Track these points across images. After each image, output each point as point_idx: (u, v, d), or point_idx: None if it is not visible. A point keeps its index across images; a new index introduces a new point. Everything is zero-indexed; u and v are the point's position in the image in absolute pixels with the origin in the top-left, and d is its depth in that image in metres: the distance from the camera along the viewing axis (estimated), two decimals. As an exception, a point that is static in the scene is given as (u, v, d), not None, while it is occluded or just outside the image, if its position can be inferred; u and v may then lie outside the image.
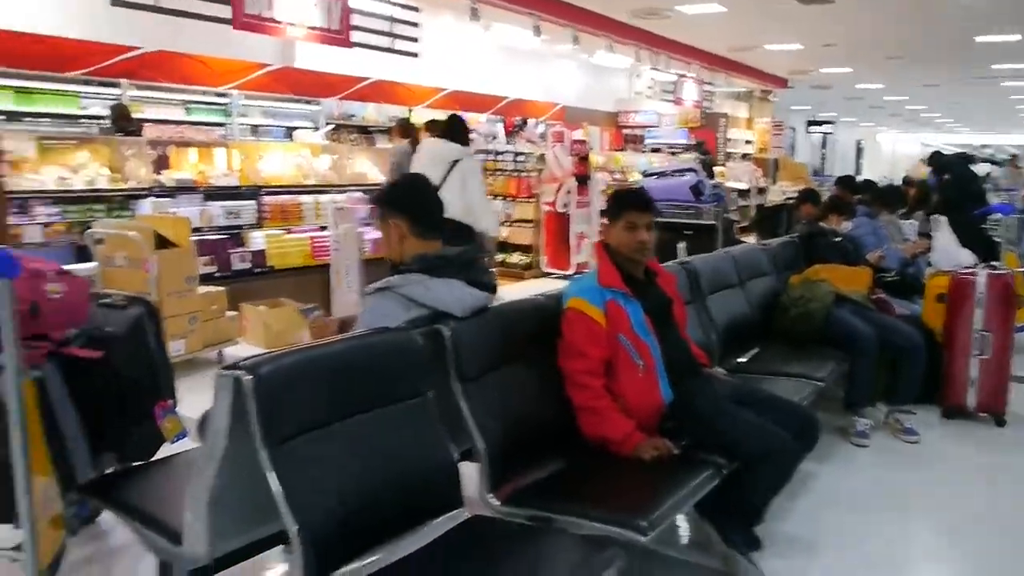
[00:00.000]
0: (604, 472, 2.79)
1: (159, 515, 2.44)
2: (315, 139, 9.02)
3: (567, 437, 2.93)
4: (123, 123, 7.57)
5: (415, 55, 9.49)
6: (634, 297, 3.10)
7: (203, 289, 6.16)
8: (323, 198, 8.19)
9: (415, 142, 7.85)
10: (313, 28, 8.00)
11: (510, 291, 3.92)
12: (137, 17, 7.29)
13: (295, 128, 11.33)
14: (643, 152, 16.69)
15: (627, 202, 3.27)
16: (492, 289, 2.90)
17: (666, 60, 15.16)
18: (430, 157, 6.58)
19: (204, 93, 10.05)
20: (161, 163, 6.95)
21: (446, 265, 2.76)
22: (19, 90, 8.28)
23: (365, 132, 12.57)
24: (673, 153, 16.21)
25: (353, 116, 12.37)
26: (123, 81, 9.09)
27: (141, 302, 3.16)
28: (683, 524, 3.41)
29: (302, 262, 7.86)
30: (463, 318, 2.72)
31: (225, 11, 7.24)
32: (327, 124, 11.66)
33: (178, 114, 9.79)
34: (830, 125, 30.66)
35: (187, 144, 7.30)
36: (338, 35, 8.28)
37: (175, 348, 5.88)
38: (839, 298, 4.73)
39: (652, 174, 11.12)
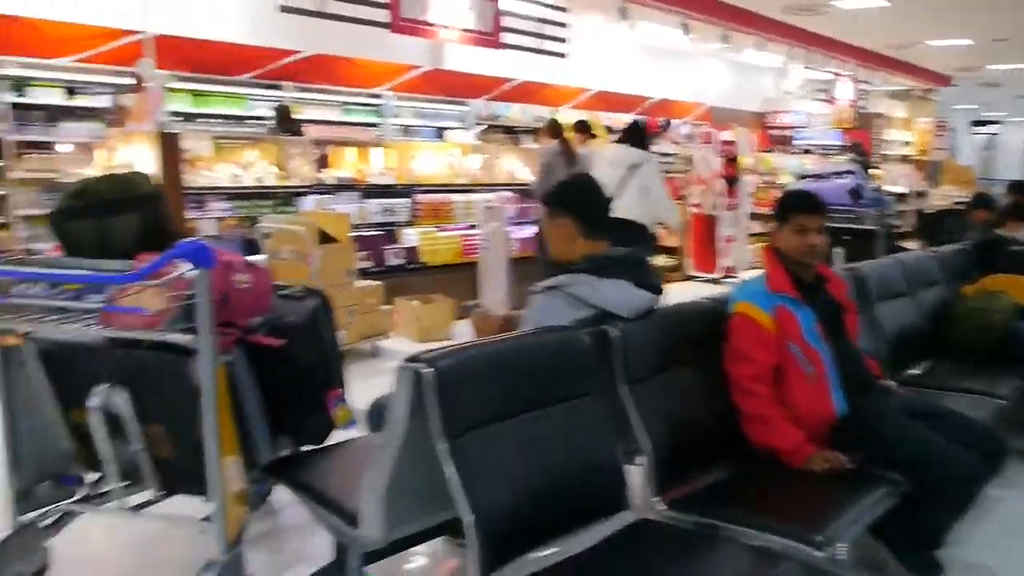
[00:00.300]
0: (774, 482, 2.71)
1: (336, 497, 2.55)
2: (466, 139, 9.19)
3: (734, 444, 2.86)
4: (286, 123, 7.95)
5: (563, 55, 9.53)
6: (805, 303, 2.99)
7: (360, 283, 6.39)
8: (474, 197, 8.35)
9: (565, 143, 7.86)
10: (466, 30, 8.16)
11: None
12: (299, 22, 7.65)
13: (445, 128, 11.59)
14: (792, 153, 16.12)
15: (797, 205, 3.16)
16: (658, 291, 2.86)
17: (820, 58, 14.61)
18: (609, 161, 6.68)
19: (359, 94, 10.43)
20: (322, 162, 7.26)
21: (614, 265, 2.75)
22: (195, 93, 8.85)
23: (510, 132, 12.71)
24: (826, 155, 15.57)
25: (499, 116, 12.53)
26: (286, 83, 9.56)
27: (317, 294, 3.30)
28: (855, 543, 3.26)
29: (452, 259, 8.05)
30: (630, 319, 2.70)
31: (383, 15, 7.49)
32: (476, 124, 11.88)
33: (335, 115, 10.20)
34: (996, 125, 28.72)
35: (346, 144, 7.59)
36: (489, 37, 8.42)
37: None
38: (1022, 311, 4.41)
39: (808, 176, 10.75)
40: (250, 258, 5.11)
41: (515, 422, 2.29)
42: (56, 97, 7.94)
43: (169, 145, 5.87)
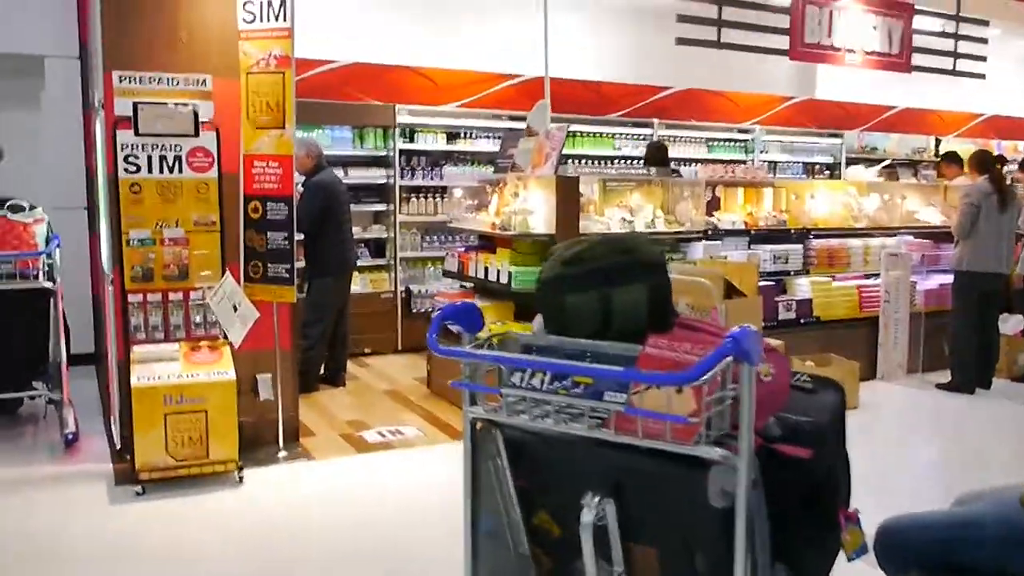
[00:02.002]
0: None
1: None
2: (863, 176, 8.15)
3: None
4: (659, 161, 7.40)
5: (982, 76, 8.13)
6: None
7: (774, 342, 5.61)
8: (871, 242, 7.28)
9: (997, 179, 6.55)
10: (871, 54, 7.16)
11: None
12: (669, 57, 7.17)
13: (814, 164, 10.56)
14: None
15: None
16: None
17: None
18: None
19: (728, 129, 9.72)
20: (712, 204, 6.63)
21: None
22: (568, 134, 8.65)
23: (889, 166, 11.32)
24: None
25: (875, 149, 11.21)
26: (655, 120, 9.11)
27: (832, 385, 2.57)
28: None
29: (847, 313, 7.04)
30: None
31: (782, 42, 6.73)
32: (846, 157, 10.70)
33: (700, 152, 9.58)
34: None
35: (734, 184, 6.90)
36: (897, 60, 7.33)
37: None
38: None
39: None
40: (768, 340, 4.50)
41: None
42: (440, 142, 8.10)
43: (567, 189, 5.54)
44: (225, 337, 4.66)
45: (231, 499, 4.34)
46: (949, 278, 7.02)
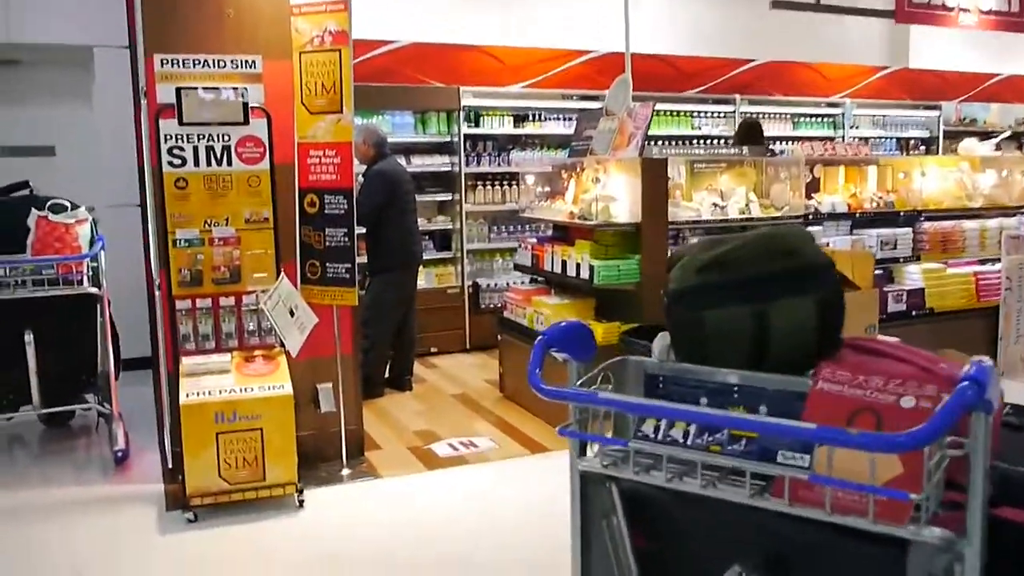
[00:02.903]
0: None
1: None
2: (978, 149, 7.38)
3: None
4: (753, 140, 6.75)
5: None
6: None
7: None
8: (989, 223, 6.54)
9: None
10: (988, 13, 6.41)
11: None
12: (751, 28, 6.51)
13: (908, 139, 9.75)
14: None
15: None
16: None
17: None
18: None
19: (816, 103, 8.98)
20: (812, 186, 5.98)
21: None
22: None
23: (987, 137, 10.43)
24: None
25: (974, 120, 10.33)
26: (737, 96, 8.43)
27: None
28: None
29: (963, 304, 6.33)
30: None
31: (886, 3, 6.03)
32: (944, 131, 9.85)
33: (786, 129, 8.87)
34: None
35: (833, 163, 6.22)
36: (1018, 19, 6.54)
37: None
38: None
39: None
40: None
41: None
42: (507, 125, 7.58)
43: (654, 173, 4.98)
44: (281, 345, 4.23)
45: (290, 526, 3.91)
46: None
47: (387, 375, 6.13)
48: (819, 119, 9.13)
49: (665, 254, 5.18)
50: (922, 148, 9.89)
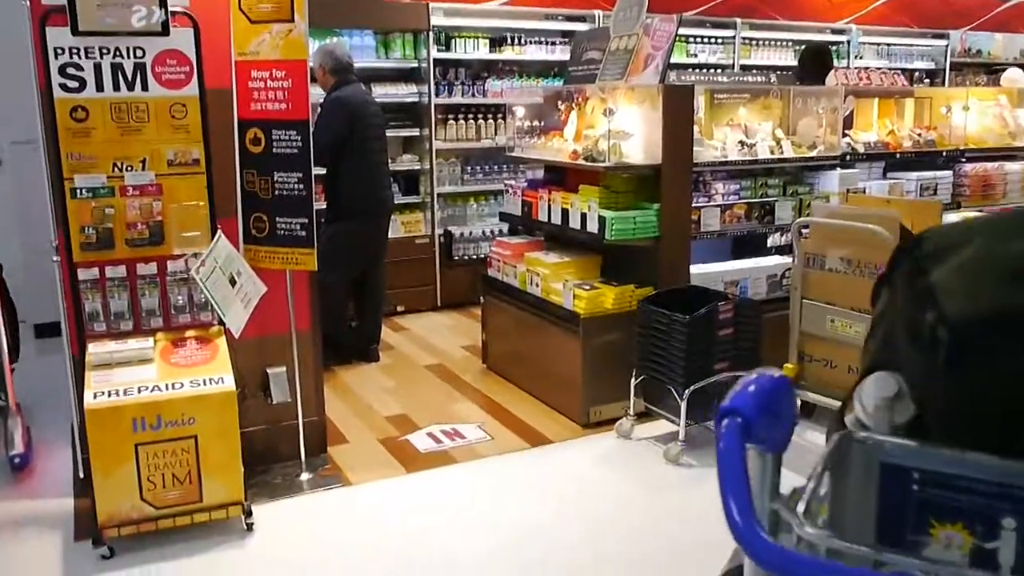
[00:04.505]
0: None
1: None
2: (1021, 79, 6.60)
3: None
4: (818, 69, 5.70)
5: None
6: None
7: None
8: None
9: None
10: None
11: None
12: None
13: (912, 70, 8.95)
14: None
15: None
16: None
17: None
18: None
19: (819, 30, 8.09)
20: (846, 122, 5.12)
21: None
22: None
23: (990, 71, 9.70)
24: None
25: (980, 52, 9.57)
26: (738, 21, 7.51)
27: None
28: None
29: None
30: None
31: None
32: (951, 62, 9.08)
33: (787, 58, 7.98)
34: None
35: (868, 94, 5.37)
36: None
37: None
38: None
39: None
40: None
41: None
42: (482, 49, 6.57)
43: (679, 103, 4.08)
44: (220, 323, 3.30)
45: (236, 560, 3.03)
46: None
47: (351, 341, 5.23)
48: (822, 47, 8.25)
49: (689, 201, 4.32)
50: (927, 81, 9.12)
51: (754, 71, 7.42)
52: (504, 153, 5.30)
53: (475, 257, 6.52)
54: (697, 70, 7.22)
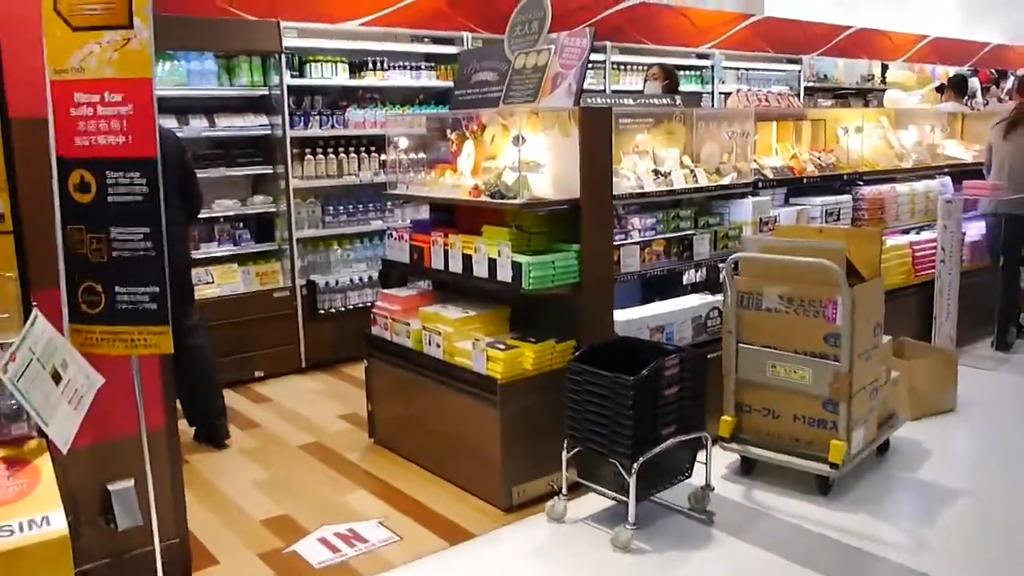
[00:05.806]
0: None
1: None
2: (907, 101, 6.53)
3: None
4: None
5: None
6: None
7: (884, 340, 3.94)
8: (916, 187, 5.72)
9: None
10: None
11: None
12: None
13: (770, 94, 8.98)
14: None
15: None
16: None
17: None
18: None
19: (686, 55, 7.91)
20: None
21: None
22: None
23: (840, 96, 9.94)
24: None
25: (826, 77, 9.78)
26: (608, 44, 7.16)
27: None
28: None
29: (901, 281, 5.47)
30: None
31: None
32: (804, 87, 9.19)
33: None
34: None
35: (766, 117, 5.07)
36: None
37: (856, 445, 3.68)
38: None
39: None
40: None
41: None
42: (341, 75, 5.84)
43: (597, 129, 3.54)
44: (41, 435, 2.42)
45: None
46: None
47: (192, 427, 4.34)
48: (687, 72, 8.06)
49: (611, 240, 3.78)
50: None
51: (625, 96, 7.09)
52: (382, 192, 4.62)
53: (343, 309, 5.75)
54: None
